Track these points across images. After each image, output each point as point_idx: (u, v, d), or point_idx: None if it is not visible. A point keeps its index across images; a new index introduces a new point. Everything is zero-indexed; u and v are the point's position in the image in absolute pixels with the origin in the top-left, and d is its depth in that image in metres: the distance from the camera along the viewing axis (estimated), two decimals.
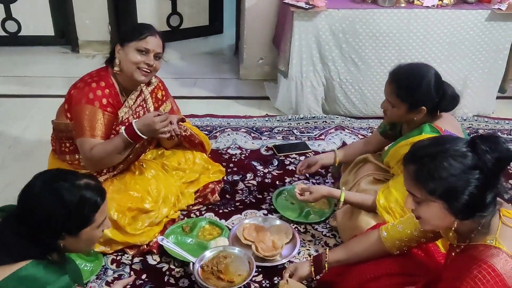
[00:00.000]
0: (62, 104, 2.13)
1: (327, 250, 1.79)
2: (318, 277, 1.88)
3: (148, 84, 2.25)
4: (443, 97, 1.94)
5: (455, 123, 2.05)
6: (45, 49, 4.42)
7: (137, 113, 2.19)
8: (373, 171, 2.26)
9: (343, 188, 2.16)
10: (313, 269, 1.77)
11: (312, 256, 1.83)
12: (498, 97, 3.50)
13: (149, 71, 2.05)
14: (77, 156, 2.12)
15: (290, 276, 1.79)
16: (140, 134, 1.93)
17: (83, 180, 1.32)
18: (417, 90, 1.92)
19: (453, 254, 1.43)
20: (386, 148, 2.21)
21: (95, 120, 1.99)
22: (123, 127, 1.97)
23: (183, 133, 2.34)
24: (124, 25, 4.28)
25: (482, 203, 1.29)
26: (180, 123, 2.26)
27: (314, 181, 2.68)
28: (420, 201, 1.33)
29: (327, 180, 2.69)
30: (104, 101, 2.02)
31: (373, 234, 1.74)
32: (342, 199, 2.08)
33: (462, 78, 3.31)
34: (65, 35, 4.46)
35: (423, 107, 1.94)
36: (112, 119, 2.05)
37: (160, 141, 2.41)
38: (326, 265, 1.74)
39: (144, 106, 2.23)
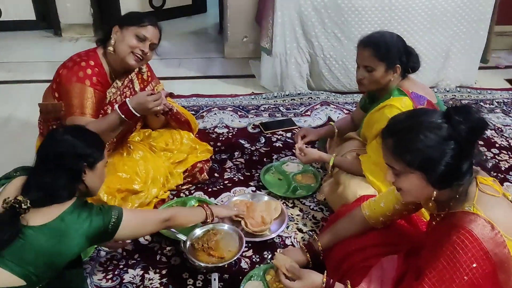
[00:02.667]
0: (49, 85, 2.15)
1: (316, 236, 1.85)
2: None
3: (139, 69, 2.27)
4: (410, 55, 2.04)
5: (422, 86, 2.13)
6: (27, 33, 4.37)
7: (124, 94, 2.21)
8: (356, 147, 2.32)
9: (334, 154, 2.25)
10: (309, 256, 1.82)
11: (303, 244, 1.87)
12: (480, 68, 3.55)
13: (141, 58, 2.07)
14: None
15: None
16: (134, 112, 1.95)
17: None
18: (391, 47, 2.01)
19: (434, 223, 1.48)
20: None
21: (85, 98, 2.01)
22: (116, 105, 1.99)
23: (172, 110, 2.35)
24: (107, 7, 4.26)
25: (459, 172, 1.33)
26: (169, 98, 2.29)
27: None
28: (399, 173, 1.37)
29: None
30: (94, 79, 2.03)
31: (356, 215, 1.78)
32: (331, 163, 2.20)
33: (444, 50, 3.35)
34: (46, 19, 4.41)
35: (398, 65, 2.02)
36: (102, 98, 2.06)
37: (148, 121, 2.43)
38: (320, 249, 1.81)
39: (131, 86, 2.25)
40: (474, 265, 1.26)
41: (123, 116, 1.95)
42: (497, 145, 2.85)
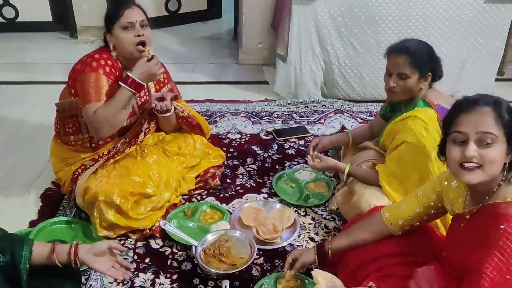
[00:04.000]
0: (66, 85, 2.19)
1: (330, 237, 1.82)
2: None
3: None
4: (438, 63, 2.04)
5: (447, 97, 2.11)
6: (43, 35, 4.41)
7: (138, 95, 2.23)
8: (372, 157, 2.29)
9: (349, 163, 2.23)
10: (316, 257, 1.79)
11: (316, 243, 1.85)
12: (496, 79, 3.51)
13: (143, 41, 2.08)
14: (81, 136, 2.19)
15: (294, 261, 1.82)
16: (141, 82, 2.00)
17: None
18: (425, 55, 2.01)
19: (462, 225, 1.46)
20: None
21: (100, 86, 2.04)
22: (121, 83, 2.02)
23: (180, 114, 2.36)
24: None
25: None
26: (176, 104, 2.31)
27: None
28: (493, 142, 1.33)
29: None
30: (107, 69, 2.07)
31: (375, 218, 1.76)
32: (346, 171, 2.18)
33: (460, 61, 3.32)
34: (63, 20, 4.45)
35: (430, 73, 2.01)
36: (115, 88, 2.07)
37: (161, 125, 2.43)
38: (330, 251, 1.77)
39: (145, 86, 2.25)
40: None
41: (130, 88, 1.98)
42: None
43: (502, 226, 1.27)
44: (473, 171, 1.35)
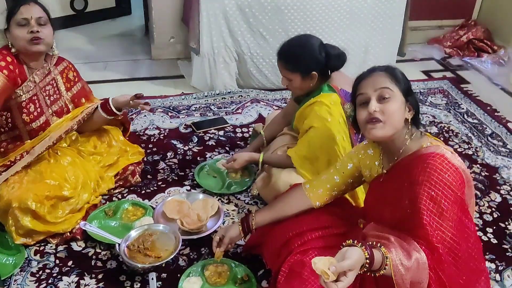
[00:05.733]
0: None
1: (254, 211, 1.88)
2: (243, 241, 1.98)
3: (57, 64, 2.24)
4: (329, 57, 2.09)
5: (352, 81, 2.22)
6: None
7: (47, 91, 2.19)
8: (287, 142, 2.39)
9: (262, 152, 2.32)
10: (241, 228, 1.85)
11: (240, 219, 1.90)
12: (398, 61, 3.75)
13: (38, 38, 2.02)
14: None
15: (221, 240, 1.86)
16: None
17: None
18: (302, 57, 2.07)
19: (381, 180, 1.61)
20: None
21: None
22: None
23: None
24: None
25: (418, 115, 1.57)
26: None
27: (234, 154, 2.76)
28: (391, 96, 1.50)
29: None
30: (2, 63, 2.00)
31: (295, 190, 1.85)
32: (261, 160, 2.27)
33: (363, 45, 3.52)
34: None
35: (314, 72, 2.08)
36: (7, 85, 2.00)
37: (83, 126, 2.35)
38: (253, 223, 1.83)
39: (55, 85, 2.23)
40: (454, 180, 1.41)
41: None
42: None
43: (428, 164, 1.42)
44: (376, 125, 1.50)
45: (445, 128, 3.11)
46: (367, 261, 1.30)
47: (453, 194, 1.41)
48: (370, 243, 1.39)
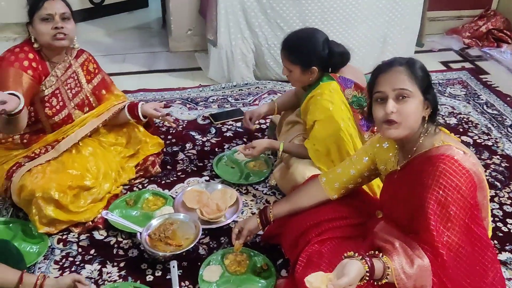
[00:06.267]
0: None
1: (272, 203, 1.89)
2: (261, 232, 2.00)
3: (77, 56, 2.26)
4: (331, 54, 2.10)
5: (353, 69, 2.23)
6: None
7: (68, 84, 2.22)
8: (302, 131, 2.39)
9: (282, 141, 2.31)
10: (259, 221, 1.87)
11: (258, 210, 1.92)
12: (416, 51, 3.72)
13: (63, 34, 2.05)
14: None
15: (240, 231, 1.88)
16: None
17: None
18: (304, 50, 2.09)
19: (395, 176, 1.60)
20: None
21: (15, 80, 1.97)
22: None
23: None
24: None
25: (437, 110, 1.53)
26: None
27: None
28: (409, 97, 1.47)
29: None
30: (26, 63, 2.02)
31: (312, 183, 1.87)
32: (281, 149, 2.25)
33: (382, 35, 3.50)
34: None
35: (314, 67, 2.09)
36: (32, 84, 2.03)
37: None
38: (271, 215, 1.85)
39: (75, 78, 2.25)
40: (464, 185, 1.40)
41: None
42: None
43: (438, 167, 1.41)
44: (393, 125, 1.48)
45: (464, 119, 3.08)
46: (367, 274, 1.34)
47: (462, 199, 1.40)
48: (372, 252, 1.43)
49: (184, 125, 2.95)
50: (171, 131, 2.88)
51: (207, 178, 2.50)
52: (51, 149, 2.16)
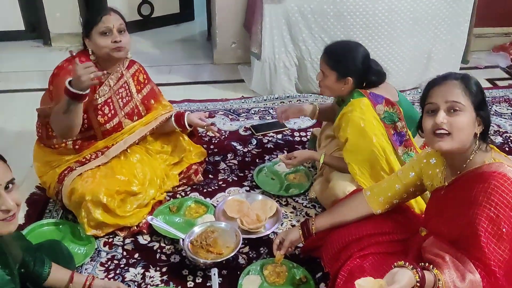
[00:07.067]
0: (46, 90, 2.22)
1: (314, 216, 1.90)
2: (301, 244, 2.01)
3: (129, 67, 2.35)
4: (368, 71, 2.13)
5: (384, 85, 2.22)
6: (16, 44, 4.40)
7: (120, 94, 2.30)
8: (342, 145, 2.39)
9: (323, 153, 2.33)
10: (301, 232, 1.88)
11: (299, 222, 1.93)
12: (461, 68, 3.67)
13: (121, 46, 2.13)
14: (63, 139, 2.22)
15: (281, 242, 1.90)
16: (70, 88, 1.89)
17: None
18: (344, 59, 2.13)
19: (442, 192, 1.58)
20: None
21: None
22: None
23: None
24: None
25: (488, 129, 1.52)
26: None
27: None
28: (461, 110, 1.46)
29: None
30: None
31: (356, 196, 1.86)
32: (321, 161, 2.28)
33: (426, 51, 3.47)
34: (36, 29, 4.44)
35: (350, 78, 2.12)
36: (87, 93, 2.07)
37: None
38: (313, 228, 1.85)
39: (127, 88, 2.34)
40: None
41: (67, 96, 1.92)
42: None
43: (489, 184, 1.39)
44: (444, 138, 1.47)
45: (511, 138, 3.01)
46: (418, 284, 1.33)
47: None
48: (422, 264, 1.41)
49: (226, 136, 3.01)
50: (213, 141, 2.94)
51: (248, 188, 2.54)
52: (101, 155, 2.26)
